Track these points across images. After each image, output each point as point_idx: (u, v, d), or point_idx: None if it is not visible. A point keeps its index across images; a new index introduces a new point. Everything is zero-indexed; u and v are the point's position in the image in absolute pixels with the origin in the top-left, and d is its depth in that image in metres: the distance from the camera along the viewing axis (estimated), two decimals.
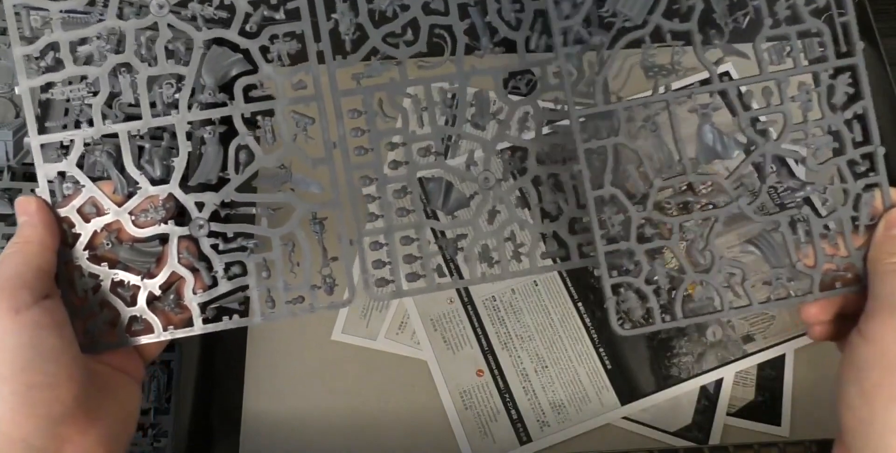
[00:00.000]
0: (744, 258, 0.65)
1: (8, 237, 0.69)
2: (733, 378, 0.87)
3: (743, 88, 0.63)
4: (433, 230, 0.65)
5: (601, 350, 0.88)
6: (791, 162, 0.82)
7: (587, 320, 0.89)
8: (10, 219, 0.75)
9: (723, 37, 0.62)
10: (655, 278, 0.62)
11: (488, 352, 0.88)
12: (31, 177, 0.76)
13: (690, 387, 0.87)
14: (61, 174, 0.61)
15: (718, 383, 0.87)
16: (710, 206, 0.63)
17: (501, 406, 0.87)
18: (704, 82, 0.62)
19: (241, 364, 0.87)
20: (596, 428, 0.86)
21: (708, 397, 0.86)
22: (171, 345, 0.81)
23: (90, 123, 0.60)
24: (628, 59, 0.62)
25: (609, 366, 0.87)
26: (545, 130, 0.65)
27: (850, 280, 0.62)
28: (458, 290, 0.90)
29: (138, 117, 0.61)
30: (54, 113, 0.69)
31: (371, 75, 0.63)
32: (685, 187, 0.64)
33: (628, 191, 0.62)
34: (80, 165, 0.61)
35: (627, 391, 0.87)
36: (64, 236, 0.60)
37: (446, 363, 0.88)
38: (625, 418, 0.86)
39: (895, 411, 0.54)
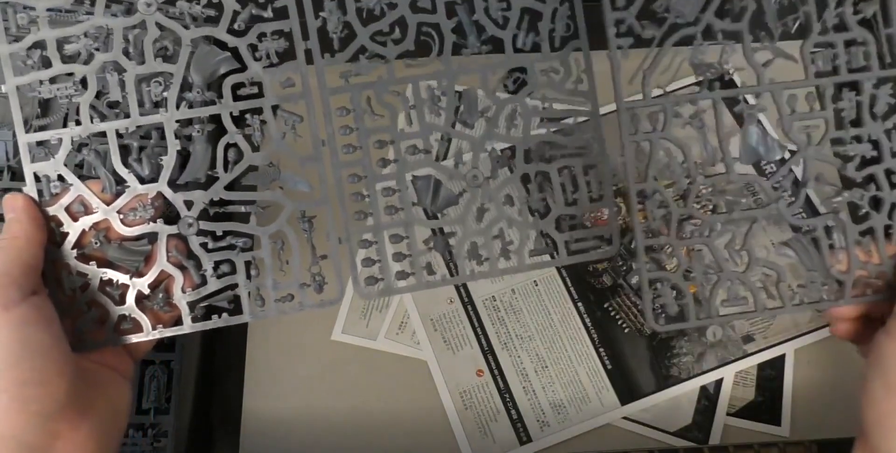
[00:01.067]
0: (778, 260, 0.63)
1: None
2: (733, 378, 0.85)
3: (787, 92, 0.62)
4: (433, 229, 0.64)
5: (601, 350, 0.86)
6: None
7: (587, 320, 0.87)
8: None
9: (772, 39, 0.62)
10: (693, 275, 0.62)
11: (488, 352, 0.86)
12: None
13: (690, 387, 0.84)
14: (59, 175, 0.59)
15: (718, 383, 0.85)
16: (748, 207, 0.63)
17: (501, 406, 0.85)
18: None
19: (241, 364, 0.86)
20: (596, 428, 0.84)
21: (708, 397, 0.84)
22: (172, 345, 0.79)
23: (78, 122, 0.59)
24: (678, 56, 0.61)
25: (609, 366, 0.85)
26: (546, 129, 0.64)
27: (881, 287, 0.62)
28: (458, 290, 0.88)
29: (127, 116, 0.59)
30: (54, 111, 0.67)
31: (359, 73, 0.61)
32: (723, 186, 0.63)
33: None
34: (78, 165, 0.61)
35: (627, 391, 0.85)
36: (52, 235, 0.59)
37: (446, 363, 0.86)
38: (625, 418, 0.84)
39: None
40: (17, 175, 0.74)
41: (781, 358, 0.85)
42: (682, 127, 0.62)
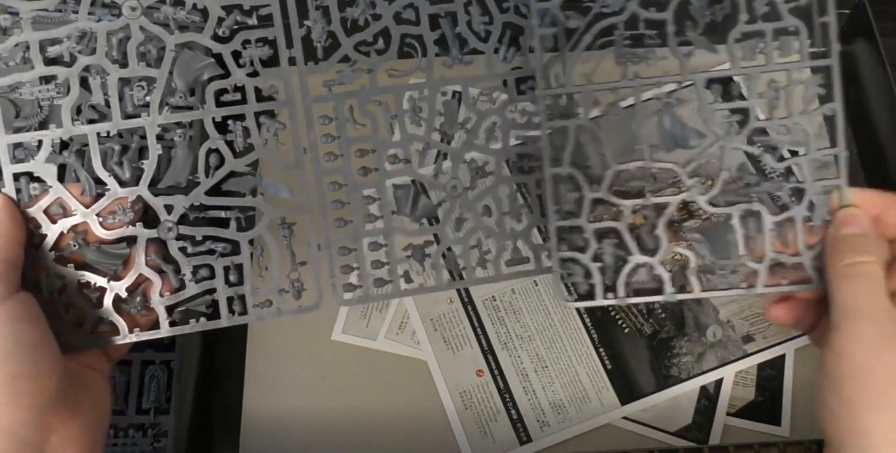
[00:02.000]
0: (694, 247, 0.62)
1: None
2: (733, 378, 0.83)
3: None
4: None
5: (601, 350, 0.84)
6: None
7: (587, 320, 0.85)
8: None
9: (696, 29, 0.59)
10: (603, 256, 0.61)
11: (488, 352, 0.84)
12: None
13: (690, 387, 0.82)
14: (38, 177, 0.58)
15: (718, 383, 0.83)
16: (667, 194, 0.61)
17: (501, 406, 0.83)
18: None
19: (241, 364, 0.84)
20: (596, 428, 0.82)
21: (708, 397, 0.82)
22: (172, 345, 0.78)
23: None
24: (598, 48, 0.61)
25: (609, 366, 0.83)
26: (514, 141, 0.63)
27: (799, 277, 0.60)
28: (458, 290, 0.87)
29: (109, 119, 0.58)
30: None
31: (342, 82, 0.60)
32: (648, 175, 0.62)
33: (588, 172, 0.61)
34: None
35: (627, 391, 0.83)
36: (30, 237, 0.57)
37: (446, 363, 0.84)
38: (625, 418, 0.82)
39: (876, 418, 0.51)
40: None
41: (781, 358, 0.83)
42: (602, 115, 0.61)
